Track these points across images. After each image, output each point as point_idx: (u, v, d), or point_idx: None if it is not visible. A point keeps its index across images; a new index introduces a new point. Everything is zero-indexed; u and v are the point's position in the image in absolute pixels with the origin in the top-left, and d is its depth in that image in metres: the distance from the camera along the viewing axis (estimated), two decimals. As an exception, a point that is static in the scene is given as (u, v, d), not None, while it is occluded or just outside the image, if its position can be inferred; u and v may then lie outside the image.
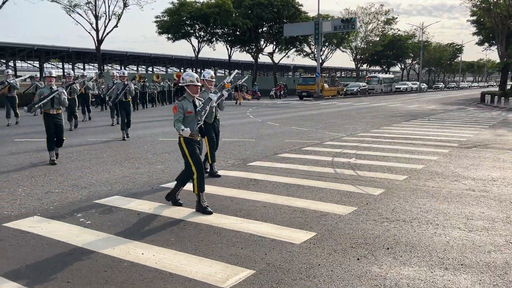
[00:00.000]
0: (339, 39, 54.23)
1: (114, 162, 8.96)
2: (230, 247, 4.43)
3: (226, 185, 7.06)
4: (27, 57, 50.29)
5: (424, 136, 13.09)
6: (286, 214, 5.52)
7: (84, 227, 5.01)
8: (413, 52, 75.92)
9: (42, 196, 6.30)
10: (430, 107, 28.37)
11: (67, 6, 32.69)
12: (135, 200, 6.12)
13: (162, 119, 18.91)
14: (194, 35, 45.98)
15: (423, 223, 5.16)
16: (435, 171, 8.07)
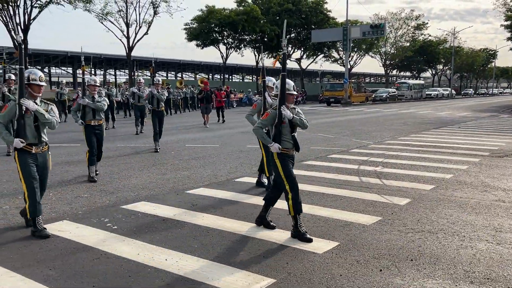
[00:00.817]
0: (368, 45, 53.73)
1: (142, 167, 9.14)
2: (252, 255, 4.46)
3: (250, 192, 7.10)
4: (60, 64, 51.85)
5: (454, 144, 12.81)
6: (309, 223, 5.51)
7: (111, 232, 5.14)
8: (445, 57, 74.39)
9: (71, 201, 6.49)
10: (461, 114, 27.74)
11: (100, 14, 33.56)
12: (161, 206, 6.23)
13: (189, 125, 19.17)
14: (222, 41, 46.42)
15: (449, 235, 5.06)
16: (464, 181, 7.90)
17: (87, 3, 29.78)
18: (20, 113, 4.95)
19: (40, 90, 5.13)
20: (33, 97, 5.08)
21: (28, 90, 5.04)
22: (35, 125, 5.05)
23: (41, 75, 5.13)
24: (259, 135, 5.14)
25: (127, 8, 34.51)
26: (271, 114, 5.06)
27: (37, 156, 5.11)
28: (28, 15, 27.68)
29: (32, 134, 5.05)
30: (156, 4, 34.99)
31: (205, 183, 7.74)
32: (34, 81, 5.08)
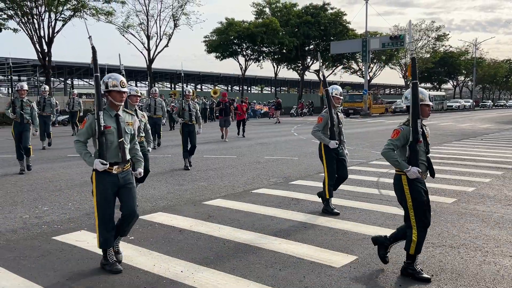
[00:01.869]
0: (387, 56, 53.43)
1: (160, 178, 9.19)
2: (268, 268, 4.41)
3: (267, 203, 7.05)
4: (83, 75, 52.94)
5: (476, 156, 12.54)
6: (326, 236, 5.43)
7: (127, 243, 5.14)
8: (466, 69, 73.43)
9: (89, 211, 6.54)
10: (484, 126, 27.21)
11: (121, 27, 34.22)
12: (178, 217, 6.23)
13: (206, 136, 19.25)
14: (242, 53, 46.78)
15: (471, 250, 4.91)
16: (487, 194, 7.70)
17: (108, 15, 30.38)
18: (99, 130, 4.13)
19: (122, 98, 4.23)
20: (115, 107, 4.24)
21: (108, 99, 4.24)
22: (120, 142, 4.25)
23: (122, 79, 4.25)
24: (392, 159, 4.21)
25: (148, 21, 35.17)
26: (402, 132, 4.29)
27: (118, 177, 4.23)
28: (52, 28, 28.39)
29: (115, 152, 4.24)
30: (176, 17, 35.53)
31: (222, 194, 7.72)
32: (115, 87, 4.20)
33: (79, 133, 4.27)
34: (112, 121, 4.23)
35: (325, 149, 6.58)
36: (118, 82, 4.25)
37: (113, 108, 4.27)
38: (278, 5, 47.72)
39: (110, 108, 4.27)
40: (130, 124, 4.37)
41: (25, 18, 27.35)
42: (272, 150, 14.06)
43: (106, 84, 4.22)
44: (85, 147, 4.26)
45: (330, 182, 6.53)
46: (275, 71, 50.86)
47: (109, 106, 4.27)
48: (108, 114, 4.25)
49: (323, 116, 6.60)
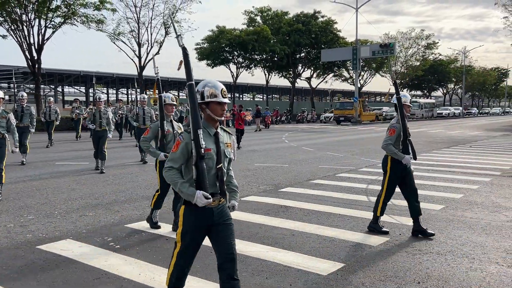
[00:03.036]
0: (378, 64, 53.83)
1: (148, 185, 9.12)
2: (255, 276, 4.37)
3: (256, 211, 7.02)
4: (74, 83, 52.68)
5: (465, 163, 12.63)
6: (314, 243, 5.41)
7: (113, 251, 5.09)
8: (456, 76, 74.21)
9: (76, 219, 6.47)
10: (473, 133, 27.45)
11: (112, 35, 34.13)
12: (165, 225, 6.17)
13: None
14: (233, 61, 46.86)
15: (458, 256, 4.92)
16: (474, 201, 7.74)
17: (99, 23, 30.29)
18: (199, 153, 3.09)
19: (222, 111, 3.34)
20: (213, 123, 3.30)
21: (206, 112, 3.28)
22: (218, 168, 3.24)
23: (222, 87, 3.36)
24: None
25: (139, 28, 35.11)
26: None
27: (213, 211, 3.21)
28: (42, 35, 28.24)
29: (212, 181, 3.22)
30: (167, 24, 35.53)
31: (211, 202, 7.67)
32: (215, 98, 3.26)
33: (172, 158, 3.20)
34: (211, 142, 3.22)
35: (393, 164, 5.86)
36: (218, 91, 3.27)
37: (212, 125, 3.28)
38: (270, 13, 47.98)
39: (207, 124, 3.28)
40: (229, 146, 3.41)
41: (14, 25, 27.18)
42: (263, 158, 14.05)
43: (202, 94, 3.27)
44: (179, 175, 3.22)
45: (386, 201, 5.93)
46: (267, 79, 51.01)
47: (206, 121, 3.29)
48: (207, 132, 3.23)
49: (395, 127, 5.83)
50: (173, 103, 6.16)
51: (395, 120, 5.94)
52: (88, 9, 28.91)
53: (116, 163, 12.64)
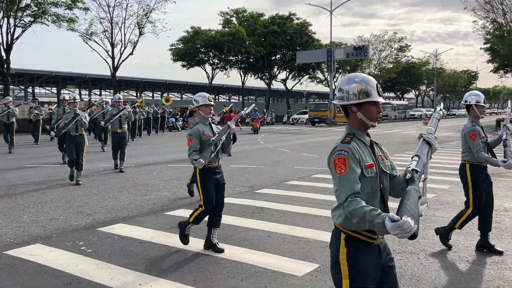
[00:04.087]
0: (352, 66, 54.52)
1: (121, 188, 8.96)
2: (229, 279, 4.34)
3: (231, 213, 6.98)
4: (45, 83, 51.50)
5: (437, 164, 12.88)
6: (289, 244, 5.41)
7: (85, 256, 4.97)
8: (427, 79, 75.83)
9: (46, 223, 6.29)
10: (445, 134, 28.08)
11: (84, 35, 33.50)
12: (139, 228, 6.07)
13: (170, 145, 19.01)
14: (208, 62, 46.68)
15: (431, 256, 5.00)
16: (446, 201, 7.89)
17: (70, 22, 29.68)
18: None
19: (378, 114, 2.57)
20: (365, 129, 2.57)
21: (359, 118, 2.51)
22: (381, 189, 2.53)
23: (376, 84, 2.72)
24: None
25: (112, 28, 34.57)
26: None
27: (379, 247, 2.48)
28: (11, 35, 27.49)
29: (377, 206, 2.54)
30: (141, 24, 35.12)
31: (186, 204, 7.60)
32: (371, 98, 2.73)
33: (347, 182, 2.30)
34: (369, 155, 2.47)
35: (473, 171, 5.23)
36: (371, 87, 2.46)
37: (364, 132, 2.53)
38: (245, 14, 48.02)
39: (359, 132, 2.51)
40: (385, 159, 2.60)
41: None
42: (238, 159, 14.01)
43: (348, 92, 2.48)
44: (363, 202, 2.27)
45: (474, 212, 5.17)
46: (242, 80, 50.98)
47: (354, 128, 2.53)
48: (362, 142, 2.49)
49: (474, 131, 5.13)
50: (210, 103, 5.19)
51: (469, 124, 5.24)
52: (60, 8, 28.32)
53: (88, 165, 12.37)
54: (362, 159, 2.37)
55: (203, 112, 5.18)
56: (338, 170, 2.32)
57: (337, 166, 2.33)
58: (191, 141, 4.98)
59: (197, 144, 4.99)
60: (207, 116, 5.17)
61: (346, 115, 2.55)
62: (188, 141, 5.01)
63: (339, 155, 2.35)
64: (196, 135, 5.00)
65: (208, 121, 5.22)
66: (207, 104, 5.13)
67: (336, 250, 2.42)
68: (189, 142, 4.99)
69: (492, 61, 47.57)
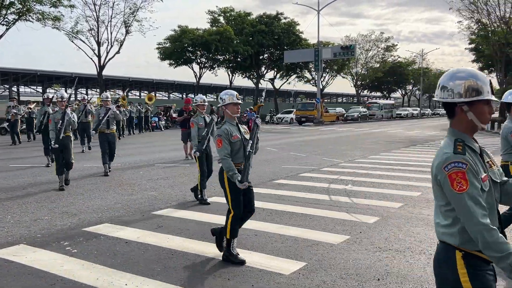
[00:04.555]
0: (339, 66, 54.78)
1: (108, 188, 8.88)
2: (216, 278, 4.32)
3: (219, 212, 6.95)
4: (30, 82, 50.83)
5: (423, 162, 13.00)
6: (277, 243, 5.41)
7: (70, 256, 4.91)
8: (414, 78, 76.51)
9: (30, 224, 6.21)
10: (431, 133, 28.36)
11: (70, 33, 33.14)
12: (125, 228, 6.02)
13: (158, 144, 18.91)
14: (196, 61, 46.52)
15: (417, 253, 5.04)
16: (432, 199, 7.93)
17: (56, 20, 29.32)
18: None
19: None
20: None
21: None
22: None
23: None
24: None
25: (98, 26, 34.26)
26: None
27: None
28: (-5, 33, 27.10)
29: None
30: (128, 23, 34.86)
31: (173, 204, 7.56)
32: None
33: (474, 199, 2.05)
34: (481, 165, 2.19)
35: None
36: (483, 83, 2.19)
37: (471, 137, 2.29)
38: (233, 13, 47.94)
39: (468, 138, 2.25)
40: (494, 166, 2.32)
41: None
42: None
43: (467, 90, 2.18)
44: None
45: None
46: (230, 79, 50.93)
47: (464, 133, 2.26)
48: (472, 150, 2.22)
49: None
50: (238, 101, 4.89)
51: (510, 123, 5.07)
52: (45, 6, 27.97)
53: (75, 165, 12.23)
54: (476, 171, 2.09)
55: (230, 111, 4.82)
56: (457, 186, 2.05)
57: (456, 182, 2.06)
58: (221, 143, 4.62)
59: (227, 146, 4.63)
60: (234, 116, 4.83)
61: (451, 115, 2.26)
62: (218, 142, 4.65)
63: (456, 168, 2.07)
64: (226, 136, 4.65)
65: (235, 120, 4.86)
66: (235, 103, 4.81)
67: (451, 272, 2.14)
68: (219, 144, 4.64)
69: (476, 61, 48.19)
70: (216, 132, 4.78)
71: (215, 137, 4.78)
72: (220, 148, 4.63)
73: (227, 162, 4.63)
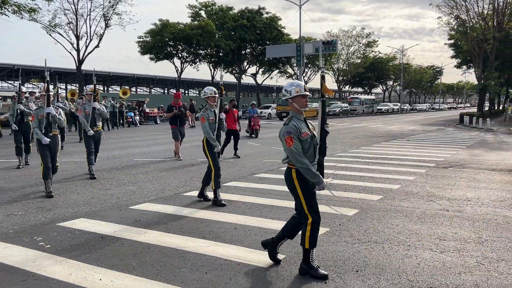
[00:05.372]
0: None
1: (84, 183, 8.70)
2: (193, 272, 4.24)
3: (198, 206, 6.88)
4: (7, 77, 49.69)
5: (402, 156, 13.12)
6: (256, 236, 5.36)
7: (43, 252, 4.77)
8: (394, 74, 77.25)
9: (2, 219, 6.02)
10: (410, 128, 28.67)
11: (48, 26, 32.43)
12: (101, 223, 5.89)
13: (138, 139, 18.67)
14: (177, 55, 46.11)
15: (395, 244, 5.04)
16: (411, 191, 8.02)
17: (32, 12, 28.64)
18: None
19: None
20: None
21: None
22: None
23: None
24: None
25: (77, 20, 33.60)
26: None
27: None
28: (-31, 26, 26.32)
29: None
30: (107, 16, 34.29)
31: (151, 198, 7.44)
32: None
33: None
34: None
35: None
36: None
37: None
38: (214, 8, 47.61)
39: None
40: None
41: None
42: (206, 153, 13.84)
43: None
44: None
45: None
46: (212, 74, 50.64)
47: None
48: None
49: None
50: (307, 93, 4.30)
51: None
52: (21, -2, 27.30)
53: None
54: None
55: (298, 105, 4.16)
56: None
57: None
58: (292, 142, 4.01)
59: (299, 144, 4.04)
60: (302, 110, 4.17)
61: None
62: (288, 140, 4.02)
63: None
64: (296, 134, 4.04)
65: (303, 116, 4.22)
66: (303, 95, 4.15)
67: None
68: (289, 142, 4.01)
69: (456, 56, 48.93)
70: (283, 130, 4.11)
71: (282, 135, 4.09)
72: (290, 146, 4.02)
73: (306, 164, 4.03)
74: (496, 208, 6.79)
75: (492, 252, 4.81)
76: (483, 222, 6.02)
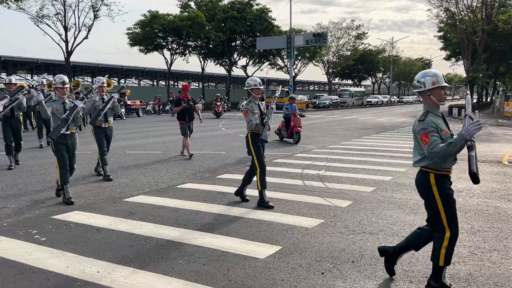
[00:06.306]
0: (311, 53, 54.90)
1: (77, 176, 8.64)
2: (191, 263, 4.26)
3: (193, 198, 6.88)
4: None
5: (393, 148, 13.23)
6: (252, 228, 5.39)
7: (38, 245, 4.75)
8: (384, 66, 77.51)
9: (-4, 213, 5.99)
10: (400, 120, 28.87)
11: (35, 17, 31.97)
12: (96, 215, 5.88)
13: (129, 132, 18.58)
14: (167, 47, 45.71)
15: (389, 235, 5.11)
16: (403, 183, 8.11)
17: (18, 1, 28.15)
18: None
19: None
20: None
21: None
22: None
23: None
24: None
25: (65, 11, 33.16)
26: None
27: None
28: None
29: None
30: (96, 7, 33.89)
31: (145, 191, 7.43)
32: None
33: None
34: None
35: None
36: None
37: None
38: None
39: None
40: None
41: None
42: (199, 145, 13.85)
43: None
44: None
45: None
46: (202, 66, 50.35)
47: None
48: None
49: None
50: (448, 85, 4.15)
51: None
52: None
53: (41, 152, 11.89)
54: None
55: (436, 98, 3.69)
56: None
57: None
58: (429, 138, 3.53)
59: (438, 137, 3.55)
60: (440, 104, 3.73)
61: None
62: (424, 138, 3.55)
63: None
64: (435, 131, 3.55)
65: (440, 110, 3.77)
66: (442, 86, 3.69)
67: None
68: (426, 140, 3.53)
69: (445, 49, 49.20)
70: (419, 126, 3.62)
71: (418, 131, 3.62)
72: (428, 143, 3.53)
73: (446, 151, 3.57)
74: (487, 199, 6.90)
75: (485, 242, 4.90)
76: (474, 213, 6.12)
